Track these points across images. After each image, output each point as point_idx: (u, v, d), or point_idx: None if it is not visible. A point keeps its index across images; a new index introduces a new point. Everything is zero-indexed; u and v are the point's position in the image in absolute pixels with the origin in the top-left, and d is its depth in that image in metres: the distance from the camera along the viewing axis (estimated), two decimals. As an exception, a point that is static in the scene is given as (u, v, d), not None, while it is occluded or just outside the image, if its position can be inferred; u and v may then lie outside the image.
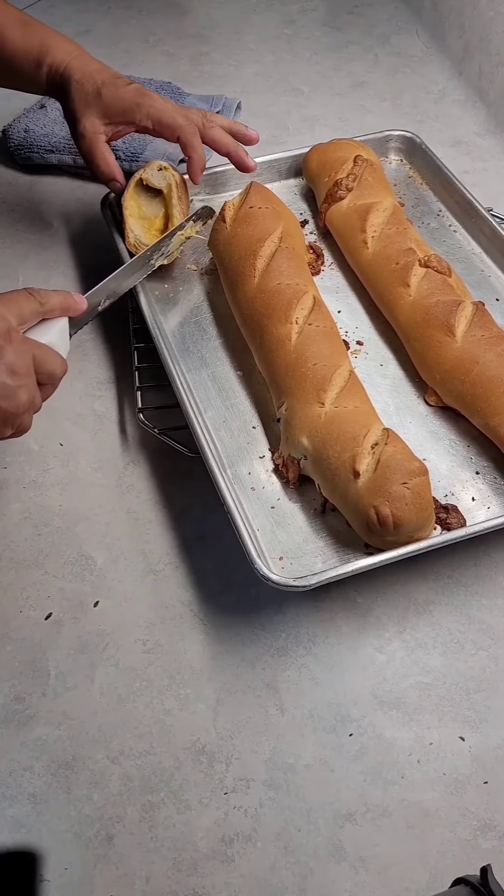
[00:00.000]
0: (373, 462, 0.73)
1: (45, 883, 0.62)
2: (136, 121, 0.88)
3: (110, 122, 0.88)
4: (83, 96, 0.87)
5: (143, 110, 0.87)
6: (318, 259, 1.00)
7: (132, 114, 0.87)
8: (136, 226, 0.93)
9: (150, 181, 0.93)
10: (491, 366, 0.81)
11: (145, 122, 0.88)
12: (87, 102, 0.87)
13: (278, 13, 1.49)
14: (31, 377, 0.66)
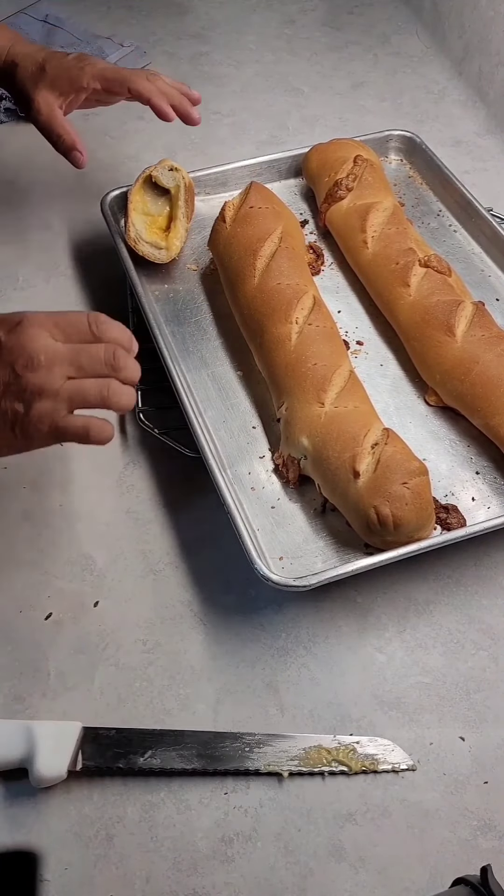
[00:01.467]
0: (373, 462, 0.73)
1: (45, 883, 0.62)
2: (84, 84, 0.88)
3: (61, 94, 0.89)
4: (29, 75, 0.88)
5: (88, 71, 0.88)
6: (318, 259, 1.00)
7: (78, 79, 0.88)
8: (139, 221, 0.93)
9: (159, 179, 0.93)
10: (491, 366, 0.81)
11: (93, 84, 0.89)
12: (35, 80, 0.88)
13: (278, 13, 1.49)
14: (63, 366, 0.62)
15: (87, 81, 0.88)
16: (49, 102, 0.88)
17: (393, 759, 0.67)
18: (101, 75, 0.89)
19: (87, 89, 0.89)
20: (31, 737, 0.64)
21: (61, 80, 0.88)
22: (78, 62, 0.89)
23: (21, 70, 0.88)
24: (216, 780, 0.66)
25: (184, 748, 0.66)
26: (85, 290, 1.00)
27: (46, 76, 0.88)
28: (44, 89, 0.88)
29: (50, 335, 0.62)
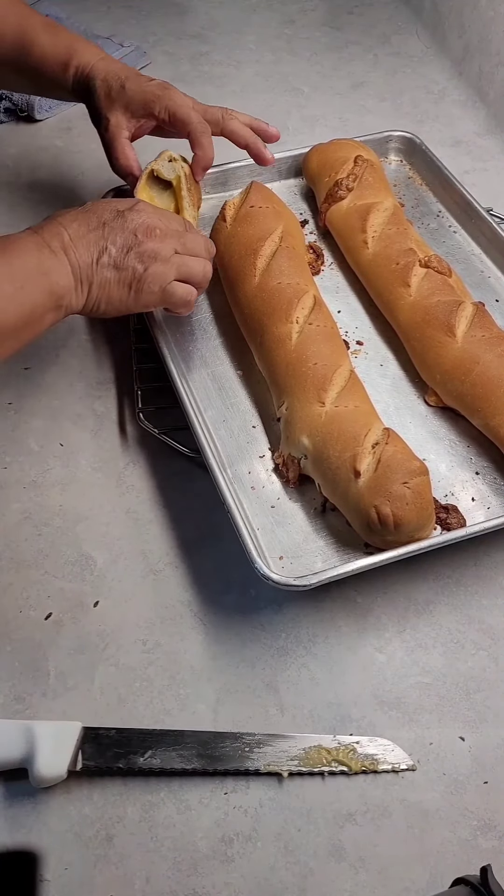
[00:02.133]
0: (373, 461, 0.73)
1: (45, 883, 0.62)
2: (155, 112, 0.89)
3: (133, 117, 0.90)
4: (107, 92, 0.89)
5: (163, 102, 0.89)
6: (318, 259, 1.00)
7: (152, 105, 0.89)
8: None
9: (160, 173, 0.92)
10: (491, 366, 0.81)
11: (163, 115, 0.89)
12: (112, 98, 0.89)
13: (278, 13, 1.49)
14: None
15: (159, 111, 0.89)
16: (119, 123, 0.89)
17: (393, 759, 0.67)
18: (172, 112, 0.89)
19: (156, 118, 0.90)
20: (31, 737, 0.64)
21: (136, 104, 0.89)
22: (157, 89, 0.89)
23: (101, 84, 0.89)
24: (216, 780, 0.66)
25: (184, 748, 0.66)
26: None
27: (124, 95, 0.88)
28: (118, 110, 0.89)
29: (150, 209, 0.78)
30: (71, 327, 0.97)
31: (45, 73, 0.92)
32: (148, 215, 0.76)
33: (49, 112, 1.25)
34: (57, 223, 0.73)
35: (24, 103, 1.22)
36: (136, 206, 0.77)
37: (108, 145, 0.91)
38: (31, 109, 1.22)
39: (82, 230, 0.73)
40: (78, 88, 0.91)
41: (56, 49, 0.90)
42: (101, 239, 0.74)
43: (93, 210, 0.75)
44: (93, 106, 0.90)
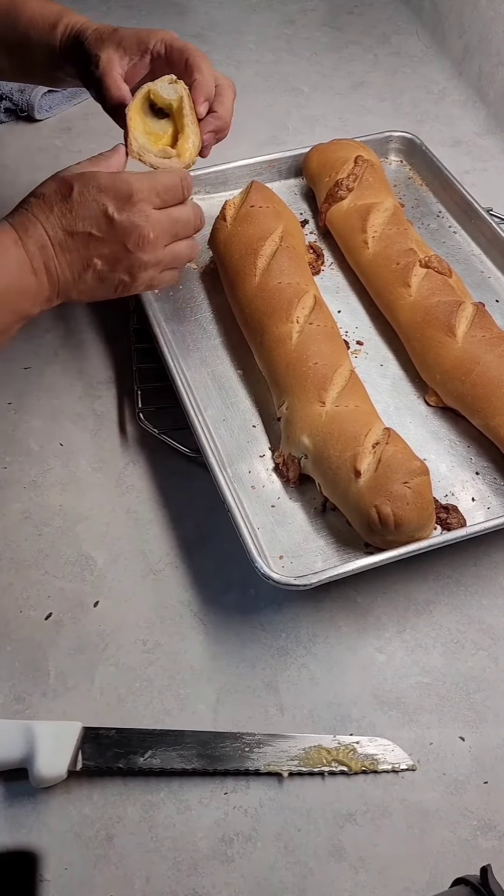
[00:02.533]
0: (374, 461, 0.73)
1: (45, 883, 0.62)
2: (150, 45, 0.83)
3: (126, 54, 0.83)
4: (98, 35, 0.83)
5: (158, 35, 0.84)
6: (319, 259, 1.00)
7: (147, 39, 0.83)
8: (142, 137, 0.82)
9: (158, 95, 0.82)
10: (491, 366, 0.81)
11: (159, 47, 0.83)
12: (103, 39, 0.83)
13: (278, 13, 1.49)
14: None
15: (155, 43, 0.83)
16: (110, 58, 0.82)
17: (393, 759, 0.67)
18: (170, 41, 0.83)
19: (151, 51, 0.83)
20: (31, 737, 0.64)
21: (129, 41, 0.83)
22: (152, 29, 0.84)
23: (93, 33, 0.83)
24: (216, 780, 0.66)
25: (184, 748, 0.66)
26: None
27: (116, 35, 0.83)
28: (109, 46, 0.83)
29: (153, 206, 0.71)
30: (71, 327, 0.97)
31: (31, 36, 0.86)
32: (140, 215, 0.70)
33: (49, 112, 1.25)
34: (38, 224, 0.68)
35: (24, 103, 1.22)
36: (127, 202, 0.70)
37: (98, 82, 0.82)
38: (31, 109, 1.22)
39: (67, 241, 0.69)
40: (66, 45, 0.85)
41: (45, 11, 0.87)
42: (86, 253, 0.69)
43: (79, 208, 0.69)
44: (82, 54, 0.83)
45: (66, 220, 0.69)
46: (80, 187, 0.69)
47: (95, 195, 0.69)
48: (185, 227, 0.76)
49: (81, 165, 0.73)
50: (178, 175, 0.74)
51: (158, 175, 0.73)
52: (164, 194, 0.72)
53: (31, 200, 0.70)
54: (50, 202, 0.69)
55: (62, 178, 0.70)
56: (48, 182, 0.71)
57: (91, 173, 0.70)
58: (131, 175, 0.71)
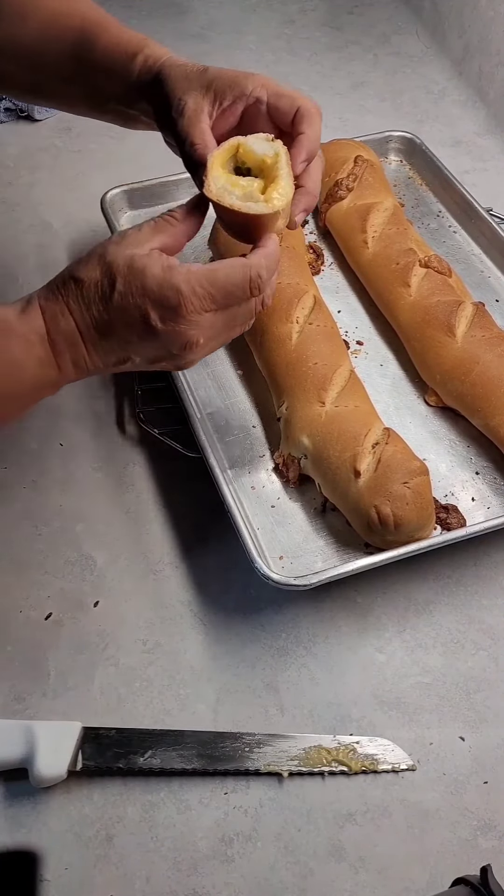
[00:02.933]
0: (373, 461, 0.73)
1: (45, 883, 0.62)
2: (248, 90, 0.70)
3: (216, 99, 0.70)
4: (184, 74, 0.71)
5: (257, 79, 0.71)
6: (318, 259, 1.00)
7: (242, 83, 0.71)
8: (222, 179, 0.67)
9: (249, 151, 0.68)
10: (491, 366, 0.81)
11: (259, 93, 0.70)
12: (189, 79, 0.71)
13: (278, 13, 1.49)
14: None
15: (254, 88, 0.71)
16: (199, 106, 0.69)
17: (393, 759, 0.67)
18: (273, 88, 0.71)
19: (248, 97, 0.70)
20: (31, 737, 0.64)
21: (222, 82, 0.71)
22: (245, 72, 0.73)
23: (177, 68, 0.71)
24: (216, 780, 0.66)
25: (184, 748, 0.66)
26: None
27: (206, 76, 0.71)
28: (197, 90, 0.70)
29: (207, 311, 0.60)
30: (71, 327, 0.97)
31: (107, 62, 0.74)
32: (188, 325, 0.60)
33: (49, 112, 1.25)
34: (71, 320, 0.60)
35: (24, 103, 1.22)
36: (174, 312, 0.59)
37: (182, 130, 0.69)
38: (31, 109, 1.22)
39: (102, 343, 0.61)
40: (144, 79, 0.73)
41: (125, 37, 0.75)
42: (123, 353, 0.62)
43: (118, 312, 0.59)
44: (161, 94, 0.71)
45: (103, 323, 0.60)
46: (123, 287, 0.59)
47: (139, 300, 0.59)
48: (243, 318, 0.64)
49: (142, 234, 0.61)
50: (247, 273, 0.61)
51: (219, 274, 0.60)
52: (222, 299, 0.60)
53: (69, 284, 0.60)
54: (88, 296, 0.60)
55: (108, 265, 0.59)
56: (92, 263, 0.60)
57: (140, 269, 0.59)
58: (185, 274, 0.59)
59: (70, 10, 0.76)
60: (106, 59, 0.75)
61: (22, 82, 0.79)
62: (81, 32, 0.75)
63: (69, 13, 0.76)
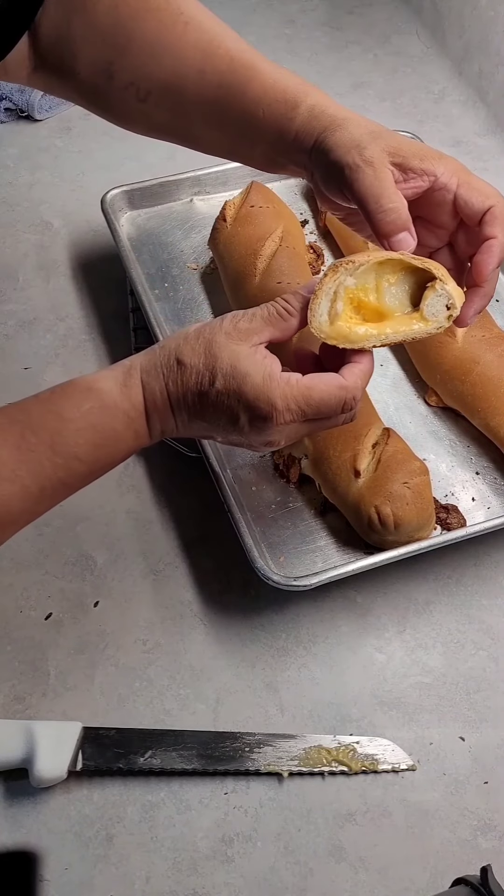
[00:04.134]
0: (373, 461, 0.73)
1: (45, 883, 0.62)
2: (438, 172, 0.64)
3: (401, 166, 0.63)
4: (367, 130, 0.63)
5: (450, 164, 0.65)
6: (319, 259, 1.00)
7: (434, 161, 0.64)
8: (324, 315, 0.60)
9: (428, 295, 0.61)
10: (491, 366, 0.81)
11: (447, 179, 0.64)
12: (373, 135, 0.63)
13: (278, 13, 1.49)
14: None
15: (444, 173, 0.64)
16: (383, 160, 0.62)
17: (393, 759, 0.67)
18: (466, 180, 0.65)
19: (436, 179, 0.64)
20: (31, 737, 0.64)
21: (408, 150, 0.63)
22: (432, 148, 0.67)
23: (352, 124, 0.64)
24: (216, 780, 0.66)
25: (184, 748, 0.66)
26: (85, 291, 1.00)
27: (392, 138, 0.64)
28: (382, 146, 0.62)
29: (293, 421, 0.59)
30: (71, 327, 0.97)
31: (259, 115, 0.67)
32: (273, 433, 0.60)
33: (49, 112, 1.25)
34: (169, 409, 0.60)
35: (24, 103, 1.22)
36: (263, 422, 0.59)
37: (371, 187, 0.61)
38: (32, 109, 1.22)
39: (191, 425, 0.62)
40: (309, 130, 0.65)
41: (282, 85, 0.67)
42: (207, 434, 0.64)
43: (212, 408, 0.59)
44: (342, 143, 0.63)
45: (195, 409, 0.60)
46: (222, 387, 0.58)
47: (233, 402, 0.59)
48: (327, 426, 0.63)
49: (254, 325, 0.59)
50: (343, 396, 0.59)
51: (315, 394, 0.58)
52: (312, 414, 0.59)
53: (173, 365, 0.59)
54: (187, 383, 0.59)
55: (213, 357, 0.58)
56: (199, 349, 0.59)
57: (242, 374, 0.58)
58: (283, 389, 0.58)
59: (212, 46, 0.70)
60: (259, 107, 0.67)
61: (154, 122, 0.73)
62: (229, 74, 0.68)
63: (211, 51, 0.69)
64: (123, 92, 0.69)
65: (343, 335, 0.60)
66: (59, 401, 0.58)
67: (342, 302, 0.60)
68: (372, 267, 0.60)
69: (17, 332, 0.95)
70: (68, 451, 0.57)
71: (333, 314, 0.60)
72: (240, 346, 0.59)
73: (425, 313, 0.61)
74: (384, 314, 0.61)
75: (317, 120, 0.65)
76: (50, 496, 0.60)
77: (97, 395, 0.58)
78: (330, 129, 0.64)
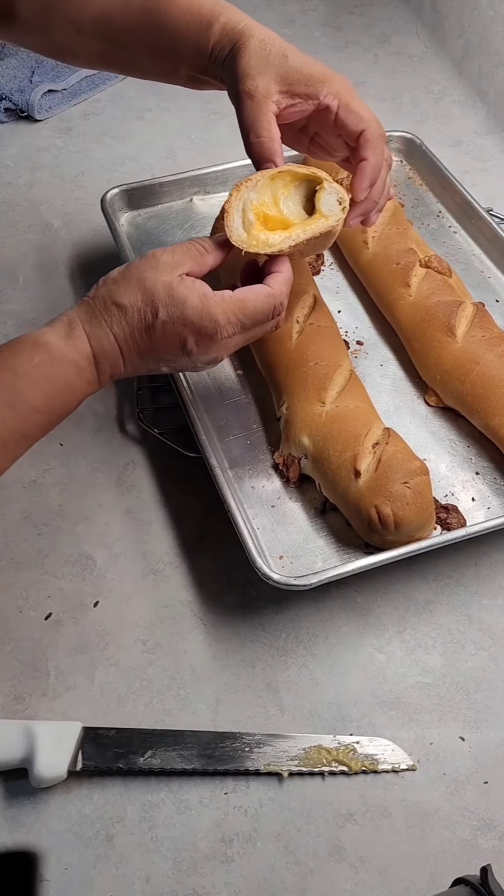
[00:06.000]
0: (373, 461, 0.73)
1: (45, 883, 0.62)
2: (320, 95, 0.71)
3: (287, 91, 0.70)
4: (264, 54, 0.70)
5: (333, 86, 0.71)
6: (318, 259, 1.00)
7: (318, 85, 0.71)
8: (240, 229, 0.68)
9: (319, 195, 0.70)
10: (491, 366, 0.81)
11: (329, 101, 0.71)
12: (268, 62, 0.70)
13: (278, 13, 1.49)
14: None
15: (327, 95, 0.71)
16: (269, 91, 0.70)
17: (393, 759, 0.67)
18: (346, 101, 0.71)
19: (319, 102, 0.71)
20: (31, 737, 0.64)
21: (298, 77, 0.70)
22: (327, 70, 0.72)
23: (257, 43, 0.70)
24: (216, 780, 0.66)
25: (184, 748, 0.66)
26: (85, 291, 1.00)
27: (285, 63, 0.70)
28: (271, 75, 0.70)
29: (233, 335, 0.66)
30: (71, 327, 0.97)
31: (178, 35, 0.74)
32: (219, 349, 0.66)
33: (49, 112, 1.25)
34: (117, 347, 0.64)
35: (24, 103, 1.22)
36: (209, 339, 0.65)
37: (250, 116, 0.70)
38: (31, 109, 1.22)
39: (139, 362, 0.66)
40: (221, 49, 0.72)
41: (199, 3, 0.73)
42: (154, 366, 0.67)
43: (159, 338, 0.64)
44: (234, 67, 0.71)
45: (143, 346, 0.65)
46: (166, 317, 0.63)
47: (179, 328, 0.64)
48: (262, 332, 0.69)
49: (175, 259, 0.65)
50: (273, 302, 0.66)
51: (249, 305, 0.65)
52: (249, 323, 0.66)
53: (112, 310, 0.63)
54: (131, 323, 0.64)
55: (148, 292, 0.63)
56: (131, 288, 0.64)
57: (181, 299, 0.63)
58: (220, 304, 0.64)
59: None
60: (179, 28, 0.74)
61: (91, 52, 0.79)
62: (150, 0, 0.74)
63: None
64: (62, 27, 0.76)
65: (262, 242, 0.67)
66: (9, 359, 0.61)
67: (251, 213, 0.68)
68: (267, 182, 0.69)
69: (17, 332, 0.95)
70: (26, 404, 0.60)
71: (248, 225, 0.68)
72: (168, 276, 0.64)
73: (323, 210, 0.69)
74: (288, 223, 0.69)
75: (227, 38, 0.72)
76: (13, 449, 0.62)
77: (45, 349, 0.61)
78: (235, 49, 0.71)
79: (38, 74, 1.24)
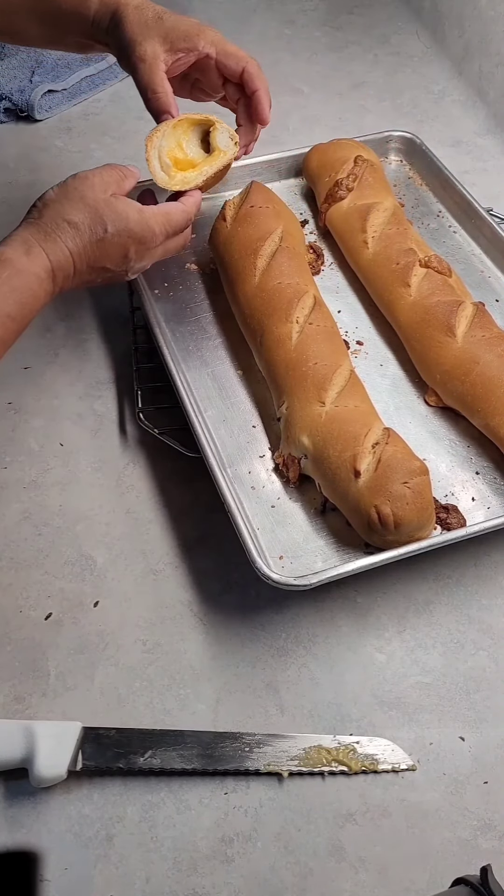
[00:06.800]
0: (373, 461, 0.73)
1: (45, 883, 0.62)
2: (199, 47, 0.82)
3: (171, 49, 0.81)
4: (142, 20, 0.80)
5: (208, 36, 0.82)
6: (318, 259, 1.00)
7: (196, 38, 0.81)
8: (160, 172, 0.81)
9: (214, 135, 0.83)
10: (491, 366, 0.81)
11: (208, 49, 0.82)
12: (147, 26, 0.80)
13: (278, 13, 1.49)
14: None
15: (204, 45, 0.82)
16: (156, 53, 0.80)
17: (393, 759, 0.67)
18: (221, 47, 0.82)
19: (199, 52, 0.82)
20: (31, 737, 0.64)
21: (176, 34, 0.80)
22: (198, 24, 0.82)
23: (133, 11, 0.80)
24: (216, 780, 0.66)
25: (184, 748, 0.66)
26: (85, 291, 1.00)
27: (162, 25, 0.80)
28: (154, 38, 0.80)
29: (161, 244, 0.77)
30: (71, 327, 0.97)
31: (62, 7, 0.82)
32: (150, 256, 0.77)
33: (49, 112, 1.25)
34: (71, 261, 0.71)
35: (24, 103, 1.22)
36: (147, 248, 0.76)
37: (143, 78, 0.81)
38: (31, 109, 1.22)
39: (86, 273, 0.73)
40: (101, 20, 0.82)
41: None
42: (95, 277, 0.75)
43: (108, 248, 0.73)
44: (121, 37, 0.81)
45: (94, 258, 0.72)
46: (114, 230, 0.72)
47: (125, 240, 0.73)
48: (176, 247, 0.81)
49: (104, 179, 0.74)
50: (187, 216, 0.79)
51: (172, 217, 0.77)
52: (172, 232, 0.78)
53: (63, 227, 0.71)
54: (83, 237, 0.71)
55: (95, 209, 0.72)
56: (80, 208, 0.72)
57: (124, 214, 0.72)
58: (153, 217, 0.75)
59: None
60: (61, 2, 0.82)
61: None
62: None
63: None
64: None
65: (181, 180, 0.81)
66: None
67: (166, 157, 0.81)
68: (171, 131, 0.82)
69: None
70: (1, 312, 0.67)
71: (165, 167, 0.81)
72: (104, 195, 0.73)
73: (220, 147, 0.84)
74: (193, 163, 0.83)
75: (105, 7, 0.81)
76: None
77: (10, 264, 0.68)
78: (115, 18, 0.81)
79: (39, 74, 1.24)
